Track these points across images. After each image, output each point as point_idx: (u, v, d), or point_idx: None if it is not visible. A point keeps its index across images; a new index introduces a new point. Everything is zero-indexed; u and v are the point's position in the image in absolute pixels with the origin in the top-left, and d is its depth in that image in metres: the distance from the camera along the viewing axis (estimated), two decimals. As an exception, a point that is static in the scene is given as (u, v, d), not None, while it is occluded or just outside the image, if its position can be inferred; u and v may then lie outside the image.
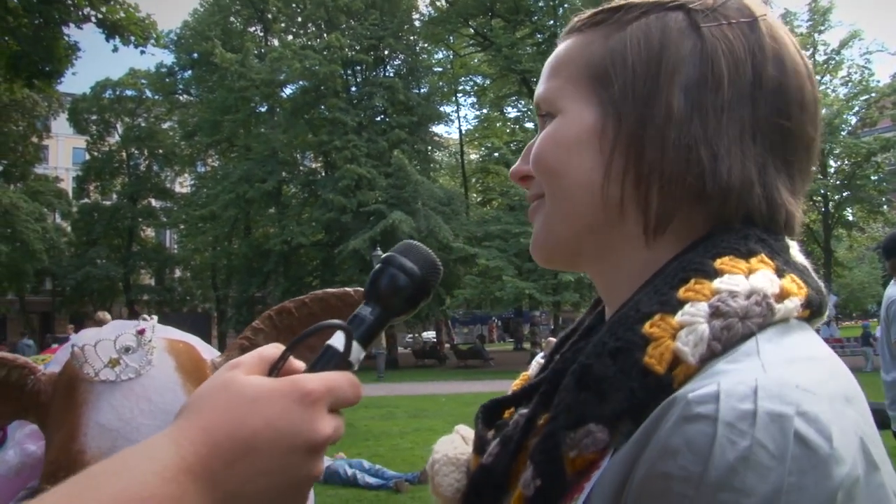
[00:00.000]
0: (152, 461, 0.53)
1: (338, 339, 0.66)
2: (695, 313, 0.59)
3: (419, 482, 7.32)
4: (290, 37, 37.28)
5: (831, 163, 30.52)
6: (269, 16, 37.21)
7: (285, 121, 32.66)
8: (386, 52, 34.76)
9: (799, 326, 0.62)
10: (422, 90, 35.08)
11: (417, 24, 35.74)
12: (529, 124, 32.02)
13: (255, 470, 0.56)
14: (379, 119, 33.53)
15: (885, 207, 30.49)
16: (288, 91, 34.48)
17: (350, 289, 1.40)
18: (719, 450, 0.50)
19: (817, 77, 0.79)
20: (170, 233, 44.47)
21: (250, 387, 0.59)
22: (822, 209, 29.84)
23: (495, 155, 32.21)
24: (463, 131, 39.26)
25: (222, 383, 0.60)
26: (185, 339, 1.46)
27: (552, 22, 30.08)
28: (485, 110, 37.14)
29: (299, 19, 36.90)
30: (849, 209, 31.15)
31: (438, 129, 39.87)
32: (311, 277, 33.28)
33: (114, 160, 40.52)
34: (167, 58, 38.63)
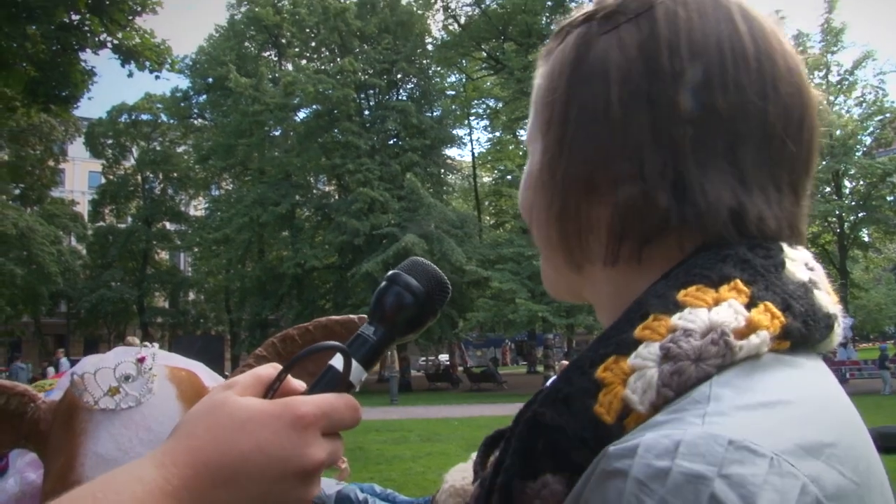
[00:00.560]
0: (137, 482, 0.52)
1: (339, 360, 0.64)
2: (646, 356, 0.53)
3: (431, 508, 7.24)
4: (304, 61, 37.74)
5: (846, 183, 30.44)
6: (284, 41, 37.69)
7: (299, 144, 32.89)
8: (399, 76, 35.02)
9: (775, 362, 0.54)
10: (434, 113, 35.26)
11: (430, 48, 36.07)
12: (542, 147, 31.97)
13: (243, 494, 0.54)
14: (392, 142, 33.75)
15: (901, 228, 30.23)
16: (302, 115, 34.86)
17: (354, 316, 1.39)
18: None
19: (831, 98, 0.74)
20: (184, 256, 44.88)
21: (242, 409, 0.57)
22: (838, 230, 29.68)
23: (508, 178, 32.16)
24: (476, 154, 39.51)
25: (214, 404, 0.58)
26: (189, 366, 1.44)
27: (564, 45, 30.16)
28: (497, 133, 37.13)
29: (313, 44, 37.33)
30: (864, 230, 30.89)
31: (451, 151, 40.27)
32: (324, 300, 33.31)
33: (129, 184, 41.11)
34: (182, 82, 39.45)
